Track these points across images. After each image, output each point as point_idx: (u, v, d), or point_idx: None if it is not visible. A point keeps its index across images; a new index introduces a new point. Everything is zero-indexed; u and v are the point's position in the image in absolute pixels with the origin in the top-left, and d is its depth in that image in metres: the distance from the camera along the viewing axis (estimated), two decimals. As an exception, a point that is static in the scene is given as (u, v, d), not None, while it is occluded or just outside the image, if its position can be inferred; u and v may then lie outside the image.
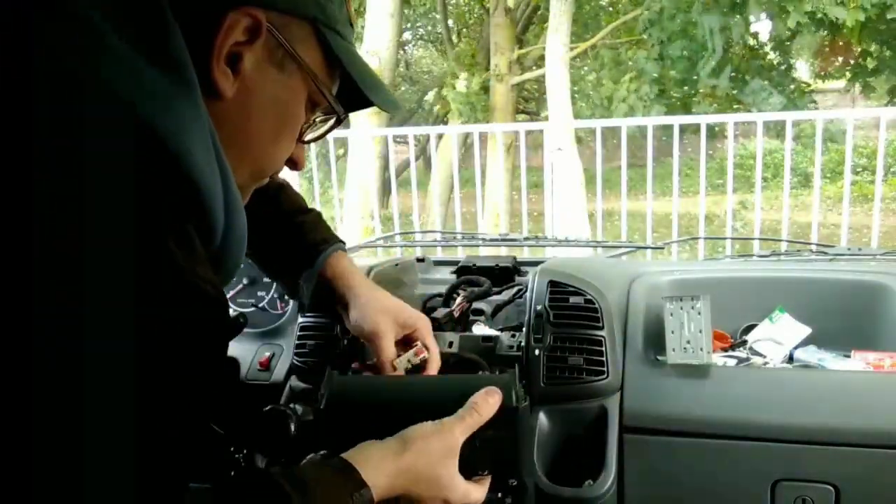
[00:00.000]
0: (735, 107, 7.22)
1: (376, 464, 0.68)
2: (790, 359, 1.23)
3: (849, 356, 1.18)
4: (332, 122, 0.71)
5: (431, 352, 0.98)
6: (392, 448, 0.71)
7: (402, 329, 0.98)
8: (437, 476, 0.72)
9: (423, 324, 1.00)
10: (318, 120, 0.70)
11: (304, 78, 0.63)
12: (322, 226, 1.03)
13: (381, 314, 0.96)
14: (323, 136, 0.73)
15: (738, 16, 5.97)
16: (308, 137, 0.71)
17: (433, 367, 0.98)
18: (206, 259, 0.55)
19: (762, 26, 7.06)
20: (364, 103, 0.71)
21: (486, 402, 0.76)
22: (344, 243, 1.03)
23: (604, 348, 1.08)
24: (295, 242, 1.00)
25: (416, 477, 0.71)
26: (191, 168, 0.52)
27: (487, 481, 0.80)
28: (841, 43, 7.27)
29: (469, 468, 0.78)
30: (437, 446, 0.72)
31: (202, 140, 0.53)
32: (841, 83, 8.91)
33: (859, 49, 6.90)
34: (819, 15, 5.57)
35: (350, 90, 0.68)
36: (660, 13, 6.27)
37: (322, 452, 0.76)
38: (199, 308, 0.51)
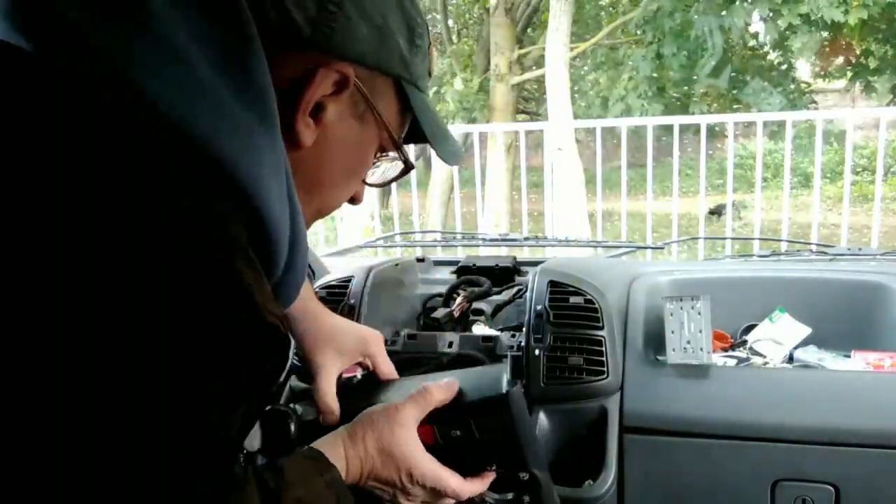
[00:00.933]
0: (735, 107, 7.23)
1: (332, 450, 0.72)
2: (790, 359, 1.23)
3: (849, 356, 1.18)
4: (400, 169, 0.74)
5: (379, 370, 0.93)
6: (345, 433, 0.75)
7: (351, 358, 0.92)
8: (390, 452, 0.74)
9: (373, 347, 0.93)
10: (382, 161, 0.72)
11: (380, 128, 0.65)
12: None
13: (324, 346, 0.90)
14: (389, 183, 0.76)
15: (731, 16, 5.97)
16: (372, 181, 0.74)
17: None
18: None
19: (762, 26, 7.06)
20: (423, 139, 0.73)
21: (437, 387, 0.79)
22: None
23: (604, 348, 1.07)
24: None
25: (372, 455, 0.74)
26: (261, 202, 0.52)
27: (490, 477, 0.80)
28: (842, 42, 7.27)
29: (473, 463, 0.80)
30: (383, 423, 0.76)
31: (276, 175, 0.54)
32: (841, 83, 8.91)
33: (860, 48, 6.90)
34: (815, 17, 5.57)
35: (413, 134, 0.71)
36: (656, 12, 6.28)
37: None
38: (270, 343, 0.52)
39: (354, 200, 0.73)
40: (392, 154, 0.71)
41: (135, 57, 0.48)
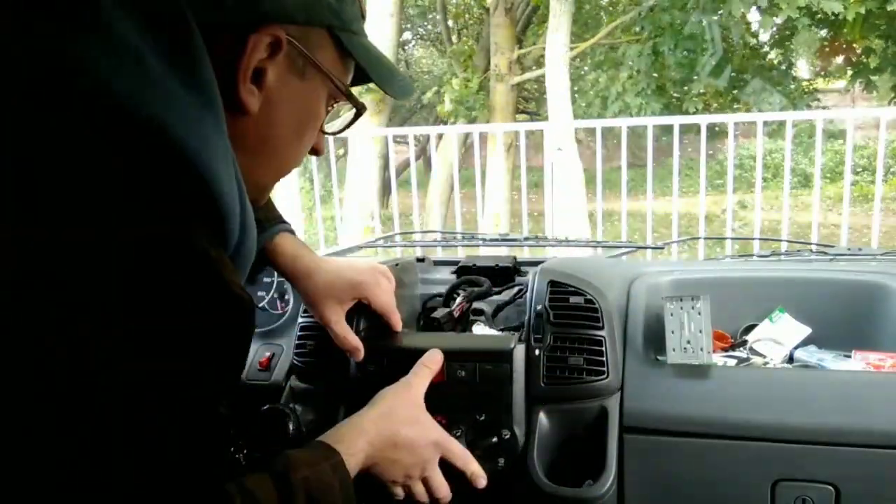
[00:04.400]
0: (735, 107, 7.22)
1: (346, 437, 0.79)
2: (790, 359, 1.23)
3: (849, 356, 1.18)
4: (352, 114, 0.76)
5: (375, 307, 1.03)
6: (359, 419, 0.84)
7: (350, 301, 1.02)
8: (416, 420, 0.87)
9: (366, 289, 1.02)
10: (338, 110, 0.74)
11: (324, 80, 0.67)
12: (268, 205, 1.02)
13: (324, 299, 0.99)
14: (345, 129, 0.78)
15: (728, 8, 5.96)
16: (330, 130, 0.76)
17: (395, 325, 1.07)
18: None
19: (761, 22, 7.05)
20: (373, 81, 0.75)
21: (431, 358, 0.96)
22: (287, 224, 1.02)
23: (604, 348, 1.07)
24: None
25: (388, 438, 0.83)
26: (214, 185, 0.53)
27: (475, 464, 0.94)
28: (842, 41, 7.26)
29: (467, 406, 1.00)
30: (398, 404, 0.88)
31: (224, 159, 0.55)
32: (841, 83, 8.91)
33: (860, 47, 6.89)
34: (815, 9, 5.57)
35: (361, 76, 0.72)
36: (652, 8, 6.28)
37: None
38: (236, 312, 0.53)
39: (316, 152, 0.75)
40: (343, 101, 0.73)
41: (91, 54, 0.49)
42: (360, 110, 0.75)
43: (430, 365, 0.96)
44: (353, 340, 1.01)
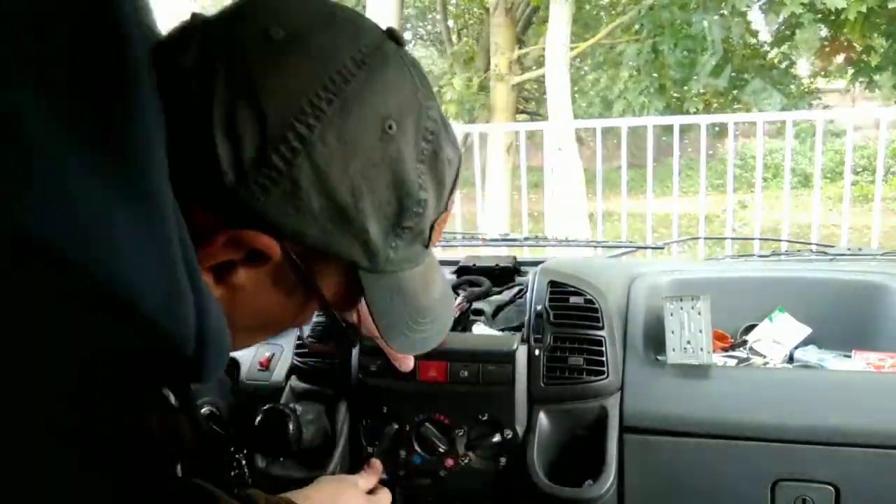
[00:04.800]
0: (735, 106, 7.22)
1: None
2: (790, 359, 1.23)
3: (849, 356, 1.18)
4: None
5: None
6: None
7: None
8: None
9: None
10: None
11: (316, 300, 0.55)
12: None
13: None
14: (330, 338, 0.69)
15: (726, 6, 5.95)
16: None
17: None
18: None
19: (763, 21, 7.05)
20: None
21: (374, 466, 0.92)
22: None
23: (604, 348, 1.07)
24: None
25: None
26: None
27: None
28: (843, 40, 7.26)
29: (470, 406, 1.00)
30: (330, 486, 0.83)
31: (160, 268, 0.44)
32: (841, 83, 8.91)
33: (861, 45, 6.89)
34: (819, 5, 5.56)
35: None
36: (651, 8, 6.29)
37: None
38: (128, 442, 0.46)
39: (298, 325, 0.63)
40: None
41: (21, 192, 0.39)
42: (351, 342, 0.64)
43: (376, 472, 0.91)
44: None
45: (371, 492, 0.88)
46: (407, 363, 1.00)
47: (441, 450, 1.03)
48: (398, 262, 0.54)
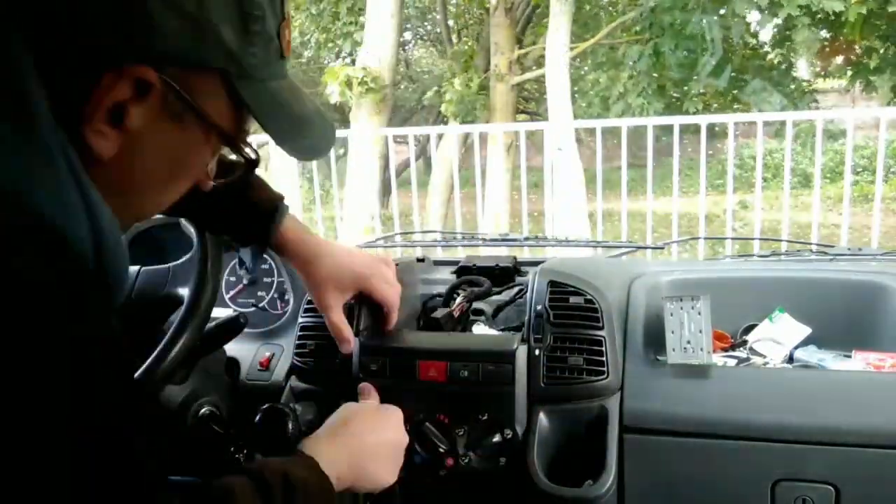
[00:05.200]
0: (735, 107, 7.22)
1: (316, 446, 0.77)
2: (790, 359, 1.23)
3: (849, 356, 1.18)
4: (245, 167, 0.66)
5: (376, 299, 1.02)
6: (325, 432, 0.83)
7: (351, 292, 0.99)
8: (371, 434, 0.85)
9: (368, 281, 0.99)
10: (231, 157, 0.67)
11: (208, 127, 0.59)
12: (260, 184, 0.97)
13: (326, 285, 0.97)
14: (235, 180, 0.69)
15: (727, 10, 5.95)
16: (219, 181, 0.68)
17: (390, 321, 1.04)
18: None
19: (762, 22, 7.05)
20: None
21: (367, 386, 0.96)
22: (286, 203, 0.98)
23: (604, 348, 1.07)
24: (243, 212, 0.95)
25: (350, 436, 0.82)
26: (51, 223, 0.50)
27: None
28: (842, 41, 7.26)
29: (469, 405, 1.00)
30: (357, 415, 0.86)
31: (57, 187, 0.51)
32: (841, 83, 8.91)
33: (861, 47, 6.89)
34: (815, 8, 5.56)
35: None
36: (653, 9, 6.29)
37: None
38: (90, 349, 0.49)
39: (201, 188, 0.67)
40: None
41: None
42: (251, 164, 0.65)
43: (372, 393, 0.96)
44: (345, 331, 0.99)
45: None
46: (347, 346, 1.01)
47: (441, 450, 1.03)
48: (261, 67, 0.59)
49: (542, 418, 1.05)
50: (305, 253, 0.97)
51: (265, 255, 1.42)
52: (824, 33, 6.89)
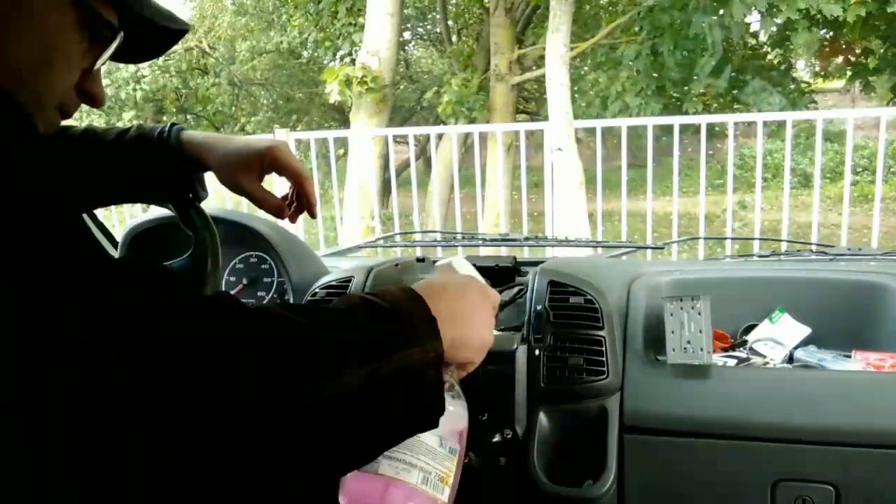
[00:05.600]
0: (735, 107, 7.22)
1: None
2: (790, 359, 1.23)
3: (849, 356, 1.18)
4: (115, 43, 0.64)
5: (285, 175, 1.00)
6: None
7: (262, 171, 0.98)
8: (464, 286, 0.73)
9: (274, 155, 0.98)
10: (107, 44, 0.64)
11: None
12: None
13: (236, 169, 0.97)
14: (106, 60, 0.66)
15: (725, 13, 5.96)
16: (97, 65, 0.65)
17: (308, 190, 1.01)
18: None
19: (761, 24, 7.05)
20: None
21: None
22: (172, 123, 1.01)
23: (604, 348, 1.07)
24: (136, 154, 0.98)
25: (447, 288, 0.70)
26: None
27: None
28: (841, 42, 7.26)
29: (472, 406, 0.95)
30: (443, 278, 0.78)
31: None
32: (841, 83, 8.91)
33: (860, 47, 6.90)
34: (814, 12, 5.57)
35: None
36: (651, 9, 6.29)
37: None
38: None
39: (93, 100, 0.65)
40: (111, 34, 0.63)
41: None
42: (113, 33, 0.63)
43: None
44: (273, 200, 1.00)
45: None
46: (283, 213, 1.01)
47: None
48: None
49: (542, 418, 1.05)
50: (208, 146, 0.98)
51: (265, 255, 1.42)
52: (823, 33, 6.90)
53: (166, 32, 0.70)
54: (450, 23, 9.99)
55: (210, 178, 1.03)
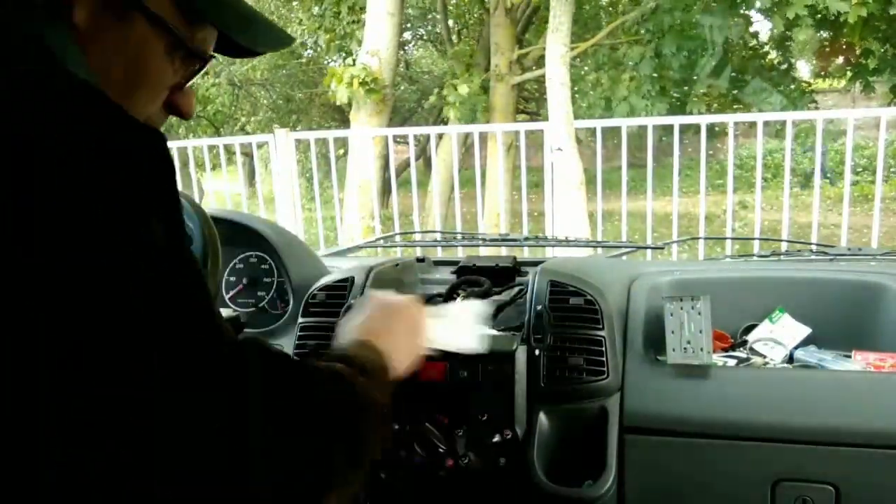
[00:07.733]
0: (735, 107, 7.22)
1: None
2: (790, 359, 1.23)
3: (849, 356, 1.18)
4: (206, 66, 0.66)
5: None
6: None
7: None
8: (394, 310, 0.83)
9: None
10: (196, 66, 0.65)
11: (153, 22, 0.58)
12: None
13: None
14: (192, 78, 0.67)
15: (737, 16, 5.96)
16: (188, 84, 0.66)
17: None
18: None
19: (762, 26, 7.05)
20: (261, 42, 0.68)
21: None
22: None
23: (604, 348, 1.07)
24: None
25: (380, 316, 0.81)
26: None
27: None
28: (842, 42, 7.26)
29: (469, 405, 1.00)
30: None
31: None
32: (841, 83, 8.91)
33: (860, 48, 6.89)
34: (820, 7, 5.57)
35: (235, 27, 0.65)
36: (654, 10, 6.28)
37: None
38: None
39: (181, 113, 0.66)
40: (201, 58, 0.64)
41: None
42: (204, 60, 0.64)
43: None
44: None
45: None
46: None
47: (441, 450, 1.03)
48: None
49: (542, 418, 1.05)
50: None
51: (265, 255, 1.42)
52: (824, 34, 6.90)
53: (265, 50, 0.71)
54: (450, 23, 9.99)
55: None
